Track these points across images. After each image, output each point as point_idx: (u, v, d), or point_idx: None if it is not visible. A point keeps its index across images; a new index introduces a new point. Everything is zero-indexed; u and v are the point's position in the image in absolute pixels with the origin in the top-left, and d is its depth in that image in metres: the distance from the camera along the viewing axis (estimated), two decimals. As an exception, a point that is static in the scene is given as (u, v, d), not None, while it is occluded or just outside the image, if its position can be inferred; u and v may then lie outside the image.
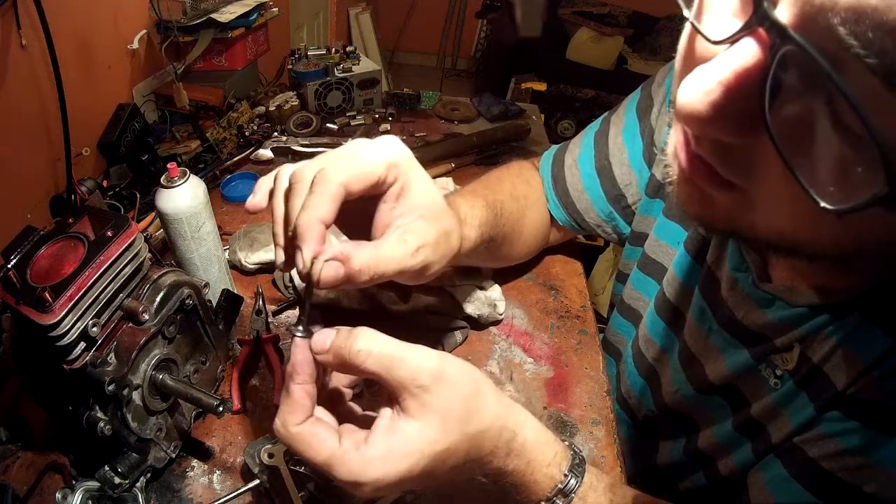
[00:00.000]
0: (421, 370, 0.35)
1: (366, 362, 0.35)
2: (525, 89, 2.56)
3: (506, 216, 0.63)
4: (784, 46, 0.22)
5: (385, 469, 0.35)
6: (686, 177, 0.33)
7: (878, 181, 0.21)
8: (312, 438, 0.35)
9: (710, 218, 0.35)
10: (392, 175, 0.42)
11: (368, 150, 0.42)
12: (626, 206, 0.67)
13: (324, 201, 0.38)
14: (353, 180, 0.39)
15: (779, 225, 0.30)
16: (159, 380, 0.48)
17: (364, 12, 3.11)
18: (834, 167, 0.24)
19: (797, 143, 0.24)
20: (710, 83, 0.25)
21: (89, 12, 0.94)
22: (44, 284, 0.41)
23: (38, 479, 0.52)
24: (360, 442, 0.35)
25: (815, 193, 0.24)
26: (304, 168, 0.41)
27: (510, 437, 0.39)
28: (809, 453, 0.41)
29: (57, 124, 0.84)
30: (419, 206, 0.44)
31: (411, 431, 0.35)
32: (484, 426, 0.38)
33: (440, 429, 0.36)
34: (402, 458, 0.35)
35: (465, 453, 0.37)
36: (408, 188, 0.43)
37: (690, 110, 0.26)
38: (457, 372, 0.37)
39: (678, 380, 0.57)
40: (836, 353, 0.41)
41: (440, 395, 0.36)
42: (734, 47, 0.25)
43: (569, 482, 0.41)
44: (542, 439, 0.42)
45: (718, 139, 0.28)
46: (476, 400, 0.38)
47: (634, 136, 0.64)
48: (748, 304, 0.47)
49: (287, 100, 1.13)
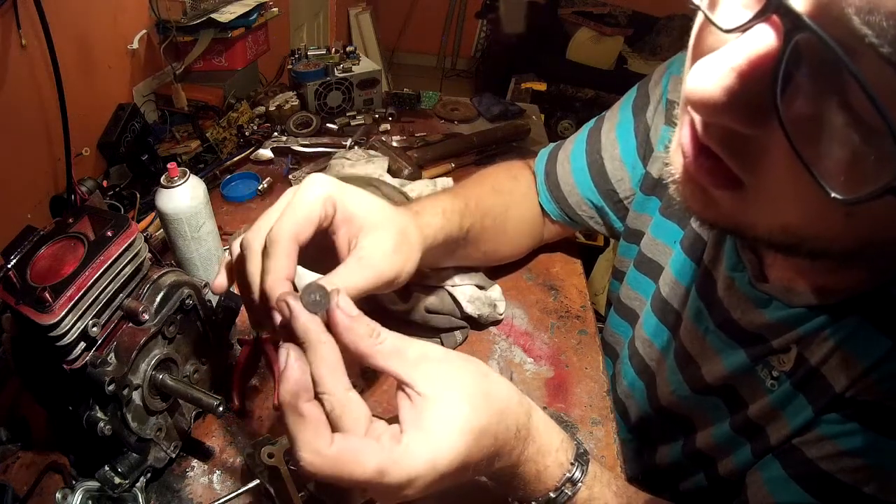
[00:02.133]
0: (427, 352, 0.35)
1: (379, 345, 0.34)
2: (525, 89, 2.56)
3: (482, 207, 0.63)
4: (797, 33, 0.22)
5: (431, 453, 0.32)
6: (689, 175, 0.33)
7: (889, 171, 0.21)
8: (355, 454, 0.31)
9: (712, 216, 0.34)
10: (329, 207, 0.43)
11: (301, 196, 0.42)
12: (617, 200, 0.67)
13: (281, 261, 0.38)
14: (300, 230, 0.40)
15: (783, 220, 0.30)
16: (159, 380, 0.48)
17: (364, 12, 3.11)
18: (845, 157, 0.24)
19: (808, 132, 0.24)
20: (723, 69, 0.25)
21: (89, 12, 0.94)
22: (44, 284, 0.41)
23: (38, 479, 0.52)
24: (395, 432, 0.33)
25: (825, 184, 0.24)
26: (249, 235, 0.42)
27: (527, 418, 0.39)
28: (808, 454, 0.41)
29: (57, 124, 0.84)
30: (364, 221, 0.44)
31: (438, 413, 0.33)
32: (504, 403, 0.37)
33: (467, 407, 0.34)
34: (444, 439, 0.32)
35: (494, 436, 0.35)
36: (347, 211, 0.44)
37: (701, 95, 0.26)
38: (460, 358, 0.38)
39: (674, 380, 0.57)
40: (835, 354, 0.41)
41: (451, 374, 0.35)
42: (747, 34, 0.24)
43: (575, 471, 0.41)
44: (549, 424, 0.42)
45: (727, 128, 0.27)
46: (487, 381, 0.37)
47: (628, 133, 0.64)
48: (745, 305, 0.47)
49: (287, 100, 1.13)
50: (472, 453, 0.34)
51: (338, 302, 0.34)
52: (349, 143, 1.04)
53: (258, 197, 0.93)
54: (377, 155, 0.98)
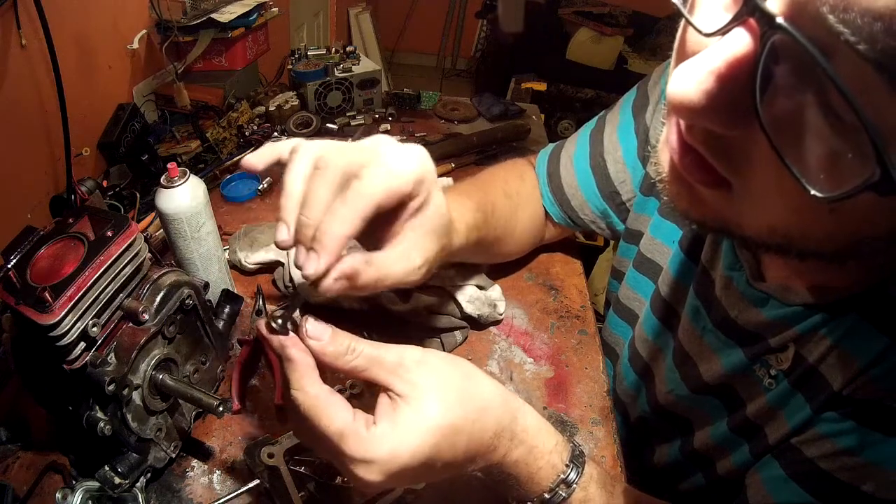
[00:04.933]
0: (403, 356, 0.37)
1: (354, 361, 0.36)
2: (525, 89, 2.56)
3: (497, 216, 0.64)
4: (773, 35, 0.23)
5: (394, 445, 0.34)
6: (676, 174, 0.33)
7: (868, 167, 0.21)
8: (331, 406, 0.35)
9: (700, 215, 0.35)
10: (417, 190, 0.43)
11: (399, 161, 0.42)
12: (620, 203, 0.68)
13: (355, 217, 0.39)
14: (386, 197, 0.40)
15: (769, 220, 0.30)
16: (159, 380, 0.48)
17: (364, 12, 3.11)
18: (825, 155, 0.24)
19: (788, 132, 0.25)
20: (702, 73, 0.25)
21: (89, 12, 0.94)
22: (44, 284, 0.41)
23: (38, 479, 0.52)
24: (370, 422, 0.36)
25: (806, 182, 0.24)
26: (332, 155, 0.41)
27: (511, 420, 0.39)
28: (807, 453, 0.41)
29: (57, 124, 0.84)
30: (431, 222, 0.45)
31: (410, 412, 0.35)
32: (484, 403, 0.38)
33: (439, 406, 0.36)
34: (410, 434, 0.35)
35: (468, 435, 0.37)
36: (426, 204, 0.44)
37: (682, 99, 0.26)
38: (441, 360, 0.38)
39: (672, 379, 0.57)
40: (832, 353, 0.41)
41: (427, 375, 0.36)
42: (725, 38, 0.25)
43: (570, 473, 0.41)
44: (543, 426, 0.42)
45: (710, 130, 0.28)
46: (468, 381, 0.38)
47: (629, 134, 0.65)
48: (742, 303, 0.47)
49: (287, 100, 1.13)
50: (441, 450, 0.36)
51: (307, 331, 0.36)
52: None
53: (258, 197, 0.93)
54: (377, 155, 0.98)
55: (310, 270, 0.38)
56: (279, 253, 0.73)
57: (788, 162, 0.24)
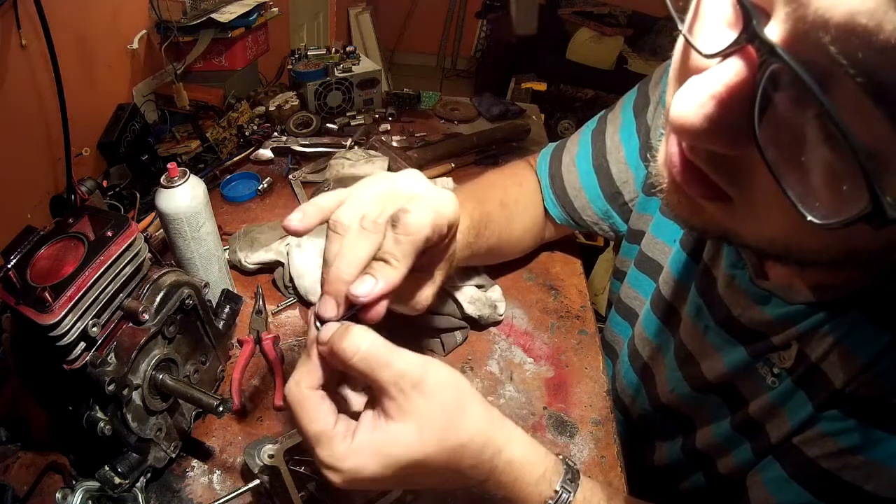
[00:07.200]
0: (403, 375, 0.36)
1: (352, 359, 0.36)
2: (525, 89, 2.56)
3: (490, 228, 0.65)
4: (772, 64, 0.23)
5: (360, 463, 0.36)
6: (676, 186, 0.33)
7: (863, 198, 0.22)
8: (315, 408, 0.37)
9: (700, 223, 0.35)
10: (447, 229, 0.44)
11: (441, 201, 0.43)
12: (622, 203, 0.68)
13: (408, 253, 0.40)
14: (433, 233, 0.42)
15: (769, 233, 0.31)
16: (159, 380, 0.48)
17: (364, 12, 3.10)
18: (821, 182, 0.24)
19: (786, 156, 0.25)
20: (703, 96, 0.26)
21: (89, 12, 0.94)
22: (44, 284, 0.41)
23: (38, 479, 0.52)
24: (349, 432, 0.37)
25: (802, 207, 0.24)
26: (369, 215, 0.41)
27: (494, 453, 0.39)
28: (809, 453, 0.41)
29: (57, 124, 0.84)
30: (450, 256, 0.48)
31: (388, 434, 0.36)
32: (463, 440, 0.37)
33: (417, 436, 0.36)
34: (377, 457, 0.36)
35: (443, 465, 0.37)
36: (452, 240, 0.47)
37: (683, 122, 0.26)
38: (440, 382, 0.37)
39: (674, 378, 0.57)
40: (834, 350, 0.41)
41: (419, 403, 0.36)
42: (726, 62, 0.25)
43: (560, 496, 0.41)
44: (531, 458, 0.41)
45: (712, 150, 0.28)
46: (458, 412, 0.37)
47: (631, 135, 0.65)
48: (745, 302, 0.47)
49: (287, 100, 1.13)
50: (404, 478, 0.37)
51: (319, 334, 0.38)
52: (349, 143, 1.04)
53: (258, 197, 0.93)
54: (377, 155, 0.98)
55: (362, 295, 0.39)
56: (279, 253, 0.73)
57: (785, 185, 0.25)
